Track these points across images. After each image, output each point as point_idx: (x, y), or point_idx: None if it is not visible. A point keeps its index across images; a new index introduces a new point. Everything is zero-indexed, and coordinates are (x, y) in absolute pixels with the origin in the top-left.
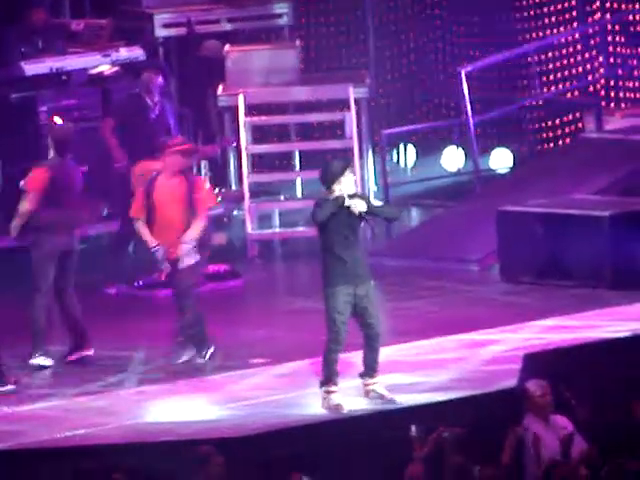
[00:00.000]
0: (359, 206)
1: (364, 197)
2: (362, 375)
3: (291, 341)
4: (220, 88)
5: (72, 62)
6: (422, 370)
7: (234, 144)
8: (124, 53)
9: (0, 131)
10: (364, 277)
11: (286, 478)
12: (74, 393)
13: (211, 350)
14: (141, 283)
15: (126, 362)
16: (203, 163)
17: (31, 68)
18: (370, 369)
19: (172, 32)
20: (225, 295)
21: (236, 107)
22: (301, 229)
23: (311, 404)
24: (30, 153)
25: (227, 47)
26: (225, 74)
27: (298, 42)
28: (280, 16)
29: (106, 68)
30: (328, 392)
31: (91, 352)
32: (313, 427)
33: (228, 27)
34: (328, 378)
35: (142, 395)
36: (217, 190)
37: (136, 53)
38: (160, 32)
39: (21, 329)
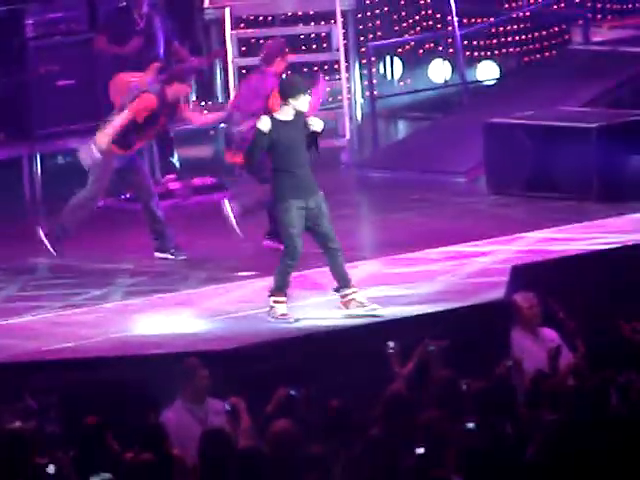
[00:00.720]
0: (317, 125)
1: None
2: (337, 289)
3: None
4: (206, 0)
5: None
6: (409, 283)
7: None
8: None
9: None
10: (314, 190)
11: (271, 391)
12: (60, 306)
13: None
14: (128, 196)
15: (112, 275)
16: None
17: None
18: (343, 280)
19: None
20: (212, 208)
21: (222, 20)
22: None
23: (297, 318)
24: (15, 67)
25: None
26: None
27: None
28: None
29: None
30: (276, 302)
31: None
32: (297, 340)
33: None
34: (279, 288)
35: (128, 308)
36: (203, 103)
37: None
38: None
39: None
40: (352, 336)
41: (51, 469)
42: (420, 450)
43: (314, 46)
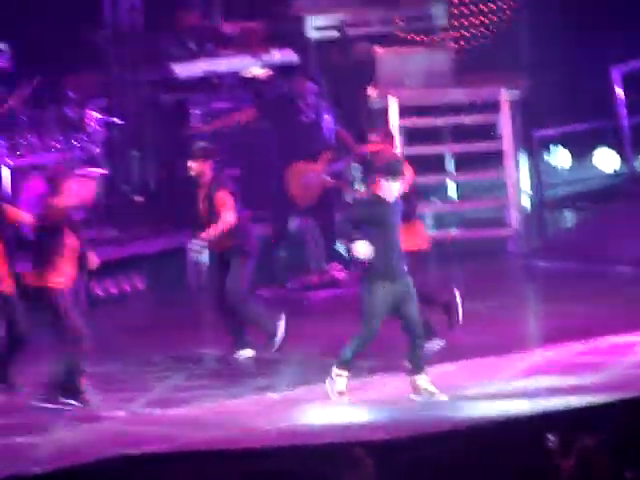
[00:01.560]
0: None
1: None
2: (411, 373)
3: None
4: (372, 90)
5: (224, 65)
6: (573, 373)
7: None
8: (276, 56)
9: (153, 135)
10: (402, 274)
11: None
12: (226, 395)
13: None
14: (294, 285)
15: (277, 364)
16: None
17: (183, 71)
18: (417, 366)
19: (324, 34)
20: None
21: (388, 109)
22: (454, 231)
23: (457, 407)
24: (182, 155)
25: (379, 49)
26: (376, 76)
27: (451, 44)
28: (433, 18)
29: (258, 71)
30: (339, 375)
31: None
32: (460, 431)
33: (380, 29)
34: (345, 362)
35: (294, 397)
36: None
37: (288, 56)
38: (312, 34)
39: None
40: (513, 427)
41: None
42: None
43: (479, 136)
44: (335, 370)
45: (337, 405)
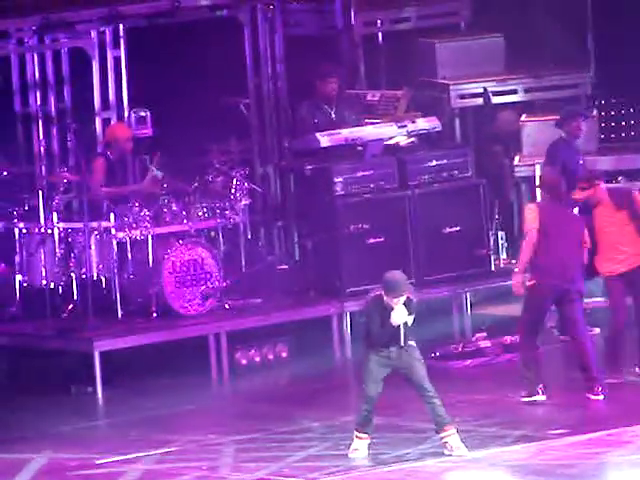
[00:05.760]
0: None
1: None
2: (437, 431)
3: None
4: (517, 158)
5: (368, 133)
6: None
7: None
8: (421, 124)
9: (295, 203)
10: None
11: None
12: (371, 465)
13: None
14: (437, 354)
15: (424, 433)
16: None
17: (326, 139)
18: (439, 424)
19: (468, 102)
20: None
21: (533, 177)
22: (600, 299)
23: (610, 475)
24: (326, 225)
25: (523, 117)
26: (521, 144)
27: (595, 112)
28: (577, 86)
29: (402, 139)
30: (357, 437)
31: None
32: None
33: (524, 97)
34: (358, 424)
35: (439, 468)
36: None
37: (433, 124)
38: (456, 102)
39: None
40: None
41: None
42: None
43: None
44: (355, 433)
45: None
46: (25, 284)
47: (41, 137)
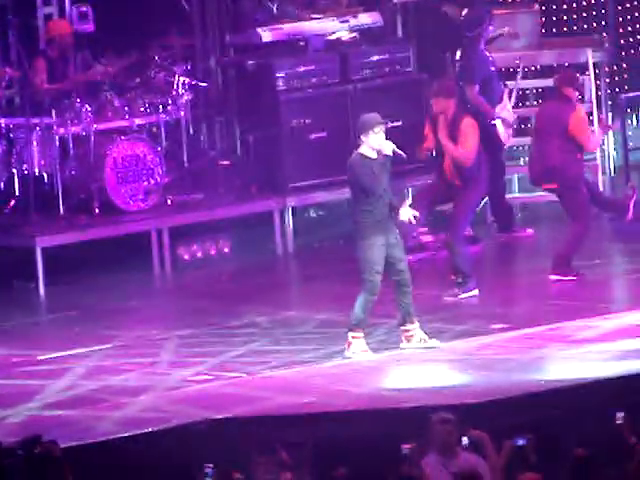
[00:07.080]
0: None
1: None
2: (400, 323)
3: (531, 307)
4: (458, 53)
5: (310, 28)
6: None
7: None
8: (363, 19)
9: (237, 98)
10: (392, 226)
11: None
12: (313, 358)
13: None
14: None
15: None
16: None
17: (268, 35)
18: (409, 314)
19: None
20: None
21: None
22: (541, 193)
23: (547, 369)
24: (268, 120)
25: (465, 11)
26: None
27: (537, 6)
28: None
29: (344, 34)
30: (355, 337)
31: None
32: (547, 393)
33: None
34: (358, 324)
35: (380, 361)
36: None
37: (375, 19)
38: None
39: None
40: (601, 389)
41: None
42: None
43: None
44: (350, 336)
45: (421, 369)
46: None
47: None
